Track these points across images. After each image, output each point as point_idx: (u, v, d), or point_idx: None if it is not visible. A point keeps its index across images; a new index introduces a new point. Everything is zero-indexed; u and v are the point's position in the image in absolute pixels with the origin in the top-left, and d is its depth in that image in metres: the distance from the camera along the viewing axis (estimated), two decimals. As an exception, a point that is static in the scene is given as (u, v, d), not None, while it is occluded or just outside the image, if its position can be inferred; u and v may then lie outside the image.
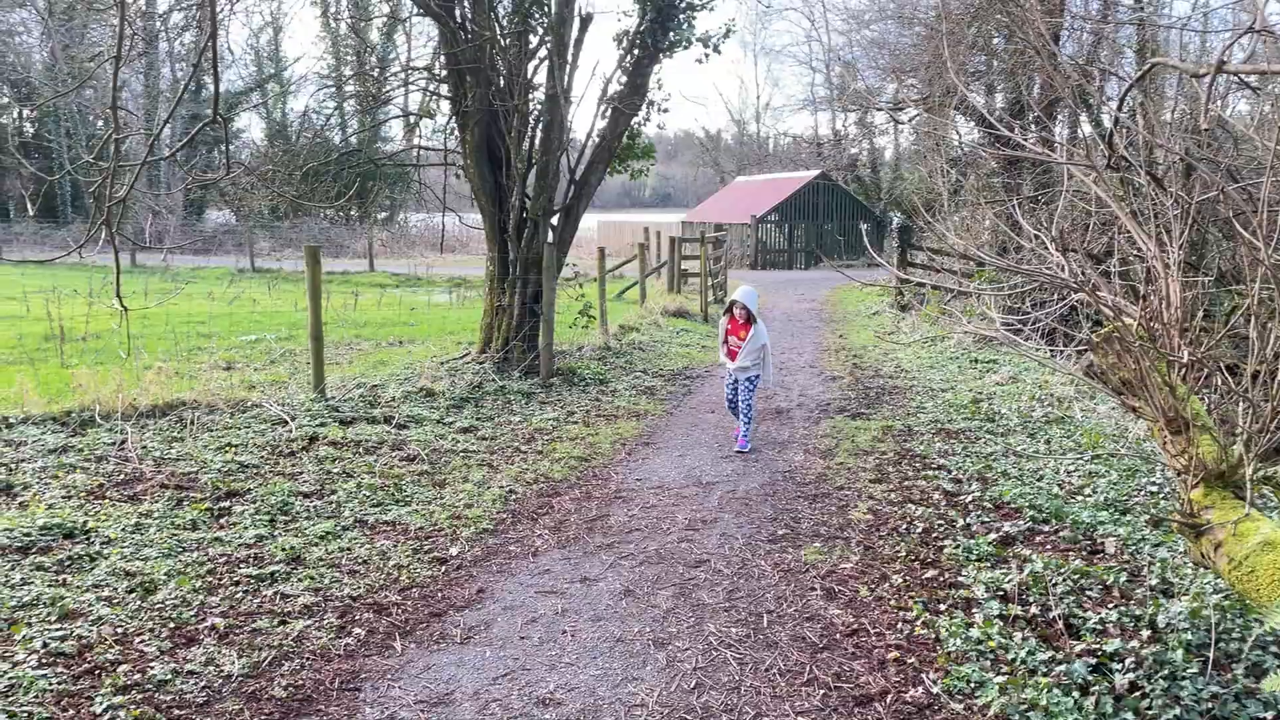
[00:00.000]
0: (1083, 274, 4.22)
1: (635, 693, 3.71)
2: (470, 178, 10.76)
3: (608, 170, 11.23)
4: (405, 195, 42.50)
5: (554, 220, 10.82)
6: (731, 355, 7.89)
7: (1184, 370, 3.78)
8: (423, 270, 28.30)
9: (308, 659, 3.98)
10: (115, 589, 4.52)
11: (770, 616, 4.43)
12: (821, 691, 3.71)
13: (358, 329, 14.56)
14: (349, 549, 5.23)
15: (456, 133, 10.92)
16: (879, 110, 28.38)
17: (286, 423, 7.69)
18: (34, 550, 4.91)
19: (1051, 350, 9.05)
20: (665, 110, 11.15)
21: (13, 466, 6.23)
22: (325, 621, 4.33)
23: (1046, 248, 4.62)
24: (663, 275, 21.90)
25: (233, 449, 6.94)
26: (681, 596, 4.67)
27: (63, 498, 5.70)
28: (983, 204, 16.35)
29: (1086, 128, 18.62)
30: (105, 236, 5.15)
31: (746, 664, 3.95)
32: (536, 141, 10.52)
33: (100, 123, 39.65)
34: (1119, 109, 4.24)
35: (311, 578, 4.79)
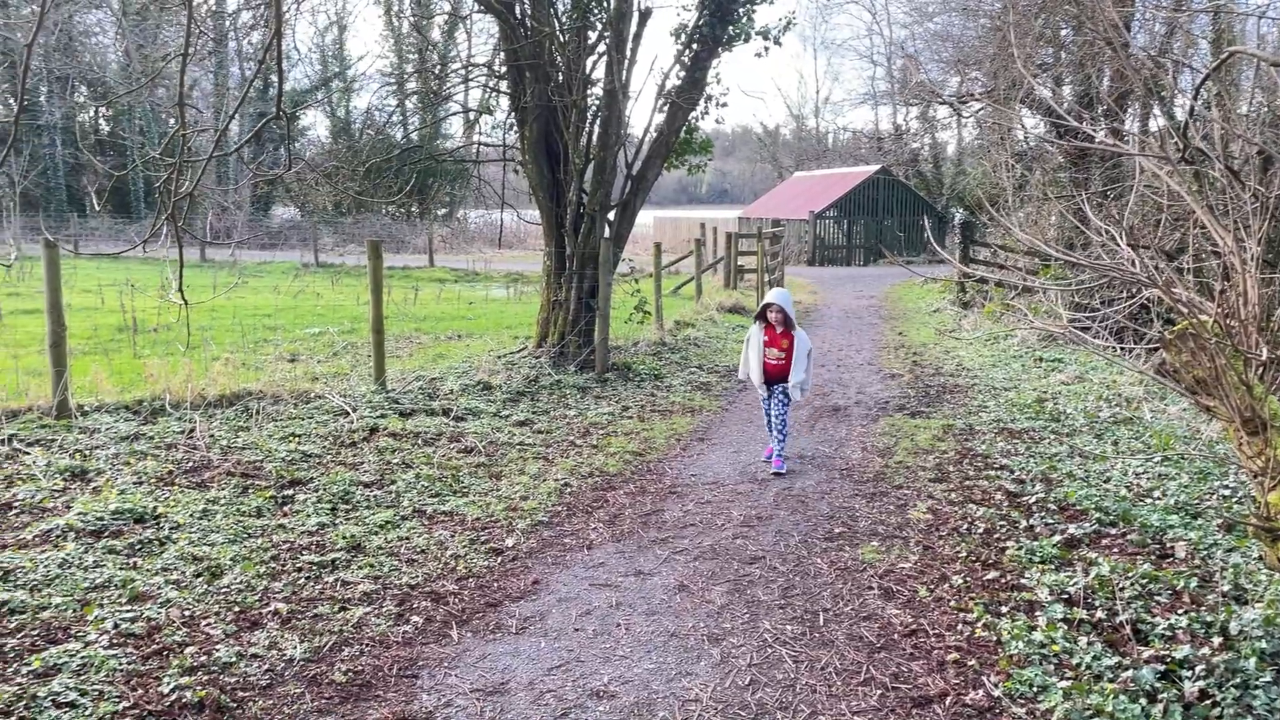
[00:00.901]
0: (1155, 269, 4.10)
1: (689, 688, 3.70)
2: (528, 174, 10.84)
3: (665, 165, 11.21)
4: (464, 191, 42.98)
5: (610, 215, 10.84)
6: (772, 370, 6.90)
7: (1261, 369, 3.65)
8: (481, 266, 28.60)
9: (367, 645, 4.05)
10: (183, 573, 4.65)
11: (826, 615, 4.39)
12: (879, 691, 3.66)
13: (417, 323, 14.77)
14: (408, 538, 5.30)
15: (515, 129, 11.00)
16: (942, 104, 27.91)
17: (348, 414, 7.83)
18: (106, 534, 5.07)
19: (1121, 349, 8.81)
20: (724, 104, 11.11)
21: (87, 453, 6.44)
22: (384, 609, 4.39)
23: (1117, 243, 4.49)
24: (719, 271, 21.82)
25: (296, 439, 7.09)
26: (736, 593, 4.65)
27: (134, 483, 5.88)
28: (1050, 199, 15.97)
29: (1159, 120, 18.07)
30: (169, 231, 5.28)
31: (802, 662, 3.92)
32: (594, 137, 10.56)
33: (171, 120, 40.82)
34: (1193, 100, 4.10)
35: (371, 566, 4.87)
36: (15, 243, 19.08)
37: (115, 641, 3.91)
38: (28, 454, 6.32)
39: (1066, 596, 4.37)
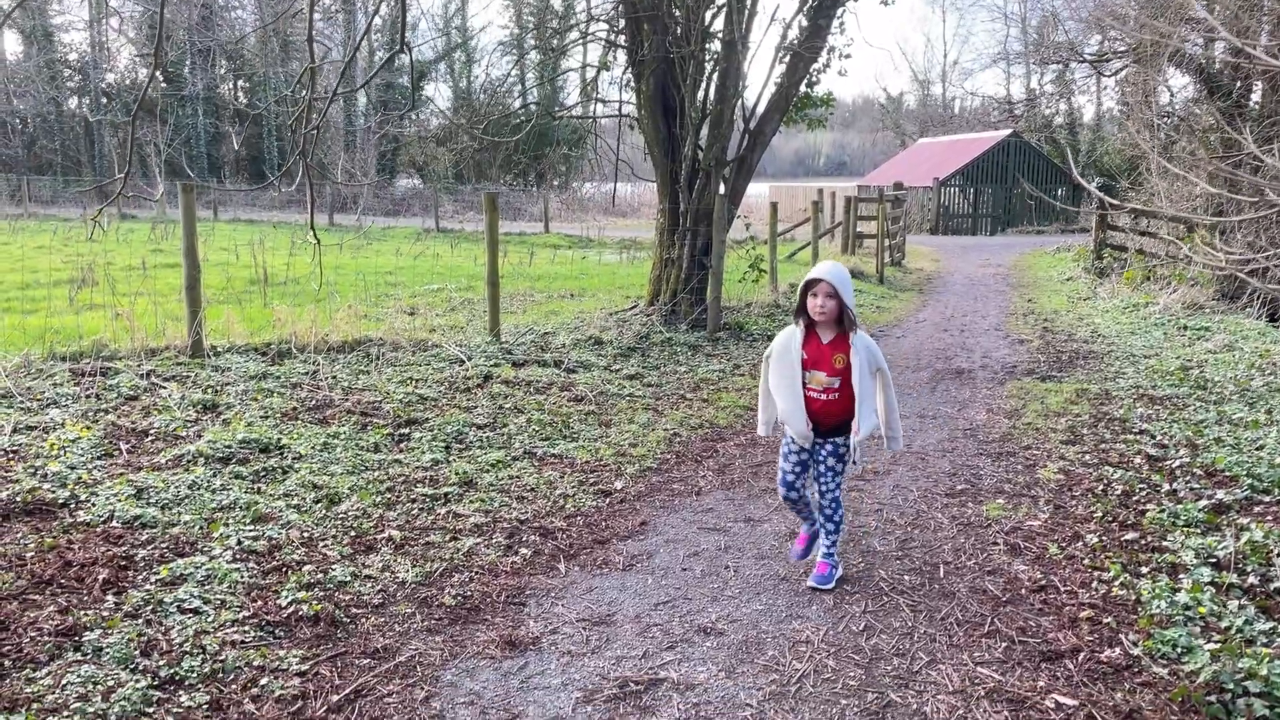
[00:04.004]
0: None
1: (800, 630, 3.57)
2: (644, 129, 10.72)
3: (784, 120, 10.91)
4: (580, 155, 43.23)
5: (726, 172, 10.63)
6: (819, 410, 3.85)
7: None
8: (594, 232, 28.71)
9: (476, 573, 4.06)
10: (304, 498, 4.77)
11: (947, 568, 4.17)
12: (1004, 644, 3.45)
13: (531, 281, 14.91)
14: (518, 477, 5.32)
15: (632, 84, 10.89)
16: (1080, 63, 26.39)
17: (463, 362, 7.93)
18: (234, 461, 5.26)
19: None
20: (847, 56, 10.73)
21: (219, 389, 6.70)
22: (494, 540, 4.41)
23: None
24: (836, 237, 21.29)
25: (414, 383, 7.22)
26: (850, 542, 4.48)
27: (260, 417, 6.08)
28: (1209, 156, 14.88)
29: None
30: (302, 170, 5.40)
31: (920, 611, 3.73)
32: (711, 90, 10.35)
33: (305, 92, 42.34)
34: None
35: (482, 500, 4.90)
36: (162, 201, 20.23)
37: (238, 557, 4.03)
38: (164, 388, 6.62)
39: (1214, 560, 4.04)
